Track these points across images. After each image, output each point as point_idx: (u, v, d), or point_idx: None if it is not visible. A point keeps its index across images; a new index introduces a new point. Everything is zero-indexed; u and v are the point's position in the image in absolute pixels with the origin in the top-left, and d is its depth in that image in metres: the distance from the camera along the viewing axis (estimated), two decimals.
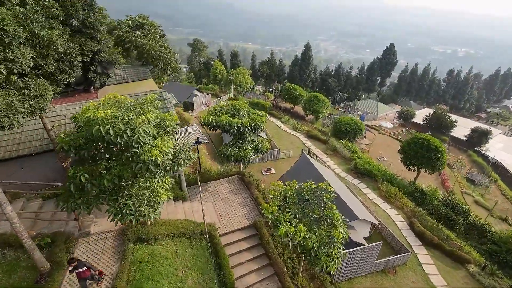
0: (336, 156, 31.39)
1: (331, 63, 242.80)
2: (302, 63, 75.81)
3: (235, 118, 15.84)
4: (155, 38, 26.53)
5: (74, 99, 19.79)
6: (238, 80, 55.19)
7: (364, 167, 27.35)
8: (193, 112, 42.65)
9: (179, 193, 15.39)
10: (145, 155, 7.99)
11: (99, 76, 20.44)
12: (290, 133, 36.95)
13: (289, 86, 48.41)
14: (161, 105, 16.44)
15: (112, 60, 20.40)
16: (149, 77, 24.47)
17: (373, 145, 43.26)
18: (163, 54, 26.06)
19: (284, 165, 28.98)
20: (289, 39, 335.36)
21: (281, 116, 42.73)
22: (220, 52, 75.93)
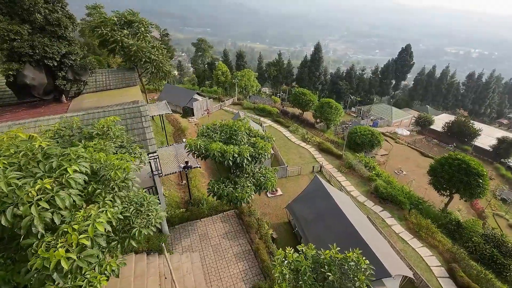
0: (352, 174, 27.23)
1: (340, 63, 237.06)
2: (312, 64, 71.52)
3: (230, 144, 12.03)
4: (145, 38, 22.94)
5: (39, 111, 16.30)
6: (243, 83, 51.41)
7: (386, 191, 23.16)
8: (192, 118, 39.09)
9: (154, 243, 11.65)
10: (38, 260, 4.25)
11: (71, 83, 16.91)
12: (299, 145, 32.93)
13: (298, 91, 44.36)
14: (134, 123, 12.75)
15: (85, 65, 16.84)
16: (135, 83, 20.90)
17: (390, 156, 38.85)
18: (153, 56, 22.46)
19: (293, 186, 25.06)
20: (298, 39, 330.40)
21: (289, 124, 38.71)
22: (225, 52, 72.25)
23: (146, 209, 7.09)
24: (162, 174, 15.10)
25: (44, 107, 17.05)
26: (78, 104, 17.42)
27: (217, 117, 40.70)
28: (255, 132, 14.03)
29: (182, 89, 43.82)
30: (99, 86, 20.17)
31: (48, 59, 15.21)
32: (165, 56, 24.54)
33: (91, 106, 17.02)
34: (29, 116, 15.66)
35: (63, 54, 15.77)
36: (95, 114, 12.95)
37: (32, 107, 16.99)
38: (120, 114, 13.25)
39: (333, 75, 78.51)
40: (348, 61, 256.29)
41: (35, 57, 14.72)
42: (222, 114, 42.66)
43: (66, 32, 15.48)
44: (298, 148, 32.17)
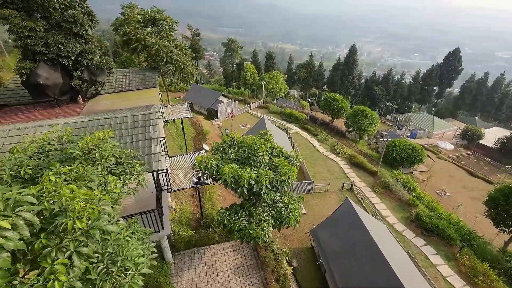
0: (388, 196, 23.83)
1: (374, 67, 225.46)
2: (345, 67, 67.26)
3: (247, 165, 9.95)
4: (169, 37, 21.73)
5: (54, 112, 15.56)
6: (271, 85, 49.23)
7: (431, 222, 19.60)
8: (216, 121, 37.78)
9: (152, 278, 9.92)
10: None
11: (86, 84, 15.98)
12: (327, 157, 29.98)
13: (329, 96, 41.17)
14: (141, 134, 11.18)
15: (102, 65, 15.79)
16: (154, 85, 19.72)
17: (431, 173, 34.27)
18: (175, 56, 21.15)
19: (318, 204, 22.41)
20: (330, 40, 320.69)
21: (318, 132, 35.78)
22: (254, 53, 70.57)
23: (120, 266, 5.21)
24: (172, 189, 13.49)
25: (59, 108, 16.33)
26: (93, 106, 16.49)
27: (242, 121, 38.99)
28: (279, 150, 11.79)
29: (208, 90, 42.87)
30: (118, 86, 19.24)
31: (63, 58, 14.30)
32: (189, 56, 23.20)
33: (106, 108, 15.97)
34: (43, 117, 14.93)
35: (79, 53, 14.79)
36: (99, 121, 11.62)
37: (49, 107, 16.35)
38: (128, 121, 11.80)
39: (368, 79, 73.41)
40: (383, 64, 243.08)
41: (50, 55, 13.85)
42: (247, 118, 40.88)
43: (82, 30, 14.48)
44: (326, 160, 29.26)
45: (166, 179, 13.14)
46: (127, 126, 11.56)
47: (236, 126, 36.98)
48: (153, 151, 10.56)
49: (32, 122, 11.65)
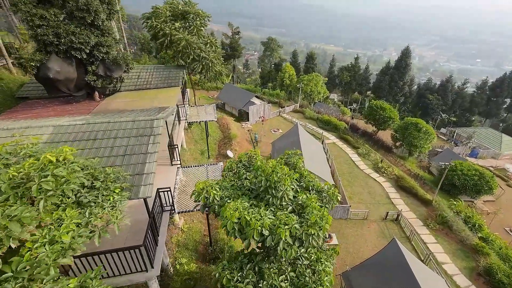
0: (447, 235, 19.09)
1: (426, 72, 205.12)
2: (395, 72, 60.35)
3: (263, 202, 7.20)
4: (199, 32, 19.80)
5: (67, 109, 14.42)
6: (309, 88, 45.53)
7: (510, 282, 14.75)
8: (246, 123, 35.51)
9: None
10: None
11: (102, 80, 14.59)
12: (369, 175, 25.73)
13: (375, 104, 36.26)
14: (137, 145, 9.05)
15: (118, 60, 14.24)
16: (177, 84, 17.89)
17: (499, 205, 27.85)
18: (203, 53, 19.11)
19: (354, 234, 18.74)
20: (377, 42, 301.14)
21: (359, 144, 31.41)
22: (294, 53, 67.02)
23: None
24: (175, 211, 11.27)
25: (74, 104, 15.22)
26: (107, 104, 15.08)
27: (273, 125, 36.17)
28: (309, 180, 8.76)
29: (241, 90, 40.85)
30: (139, 84, 17.79)
31: (75, 50, 12.95)
32: (218, 54, 21.06)
33: (118, 108, 14.42)
34: (55, 113, 13.81)
35: (93, 45, 13.36)
36: (95, 125, 9.78)
37: (64, 103, 15.34)
38: (126, 128, 9.81)
39: (420, 86, 65.25)
40: (437, 70, 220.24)
41: (61, 47, 12.56)
42: (280, 122, 37.92)
43: (97, 20, 12.97)
44: (367, 180, 25.06)
45: (171, 197, 10.97)
46: (124, 134, 9.56)
47: (267, 130, 34.29)
48: (146, 170, 8.32)
49: (25, 121, 10.30)
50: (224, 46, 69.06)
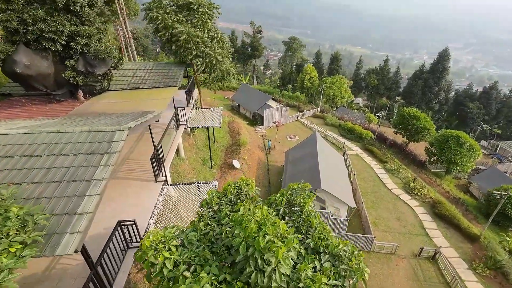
0: (501, 285, 15.00)
1: (462, 77, 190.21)
2: (430, 76, 54.63)
3: (240, 280, 4.39)
4: (204, 25, 17.29)
5: (43, 110, 12.46)
6: (332, 92, 41.77)
7: None
8: (260, 128, 32.70)
9: None
10: None
11: (83, 76, 12.46)
12: (398, 197, 21.88)
13: (407, 112, 31.90)
14: (83, 167, 6.55)
15: (100, 54, 12.01)
16: (175, 83, 15.49)
17: None
18: (208, 49, 16.56)
19: (378, 272, 15.27)
20: (408, 44, 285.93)
21: (387, 157, 27.42)
22: (318, 54, 63.15)
23: None
24: None
25: (54, 105, 13.24)
26: (89, 105, 12.94)
27: (290, 131, 33.03)
28: (319, 238, 5.75)
29: (257, 92, 38.10)
30: (134, 82, 15.60)
31: (47, 41, 10.86)
32: (226, 51, 18.42)
33: (98, 110, 12.19)
34: (28, 114, 11.88)
35: (70, 35, 11.22)
36: (40, 136, 7.45)
37: (45, 102, 13.40)
38: (77, 141, 7.37)
39: (459, 93, 58.75)
40: (473, 75, 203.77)
41: (29, 36, 10.51)
42: (297, 128, 34.68)
43: (73, 5, 10.80)
44: (395, 202, 21.25)
45: (136, 232, 8.44)
46: (72, 149, 7.11)
47: (282, 137, 31.25)
48: (81, 208, 5.73)
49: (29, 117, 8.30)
50: (245, 46, 66.89)
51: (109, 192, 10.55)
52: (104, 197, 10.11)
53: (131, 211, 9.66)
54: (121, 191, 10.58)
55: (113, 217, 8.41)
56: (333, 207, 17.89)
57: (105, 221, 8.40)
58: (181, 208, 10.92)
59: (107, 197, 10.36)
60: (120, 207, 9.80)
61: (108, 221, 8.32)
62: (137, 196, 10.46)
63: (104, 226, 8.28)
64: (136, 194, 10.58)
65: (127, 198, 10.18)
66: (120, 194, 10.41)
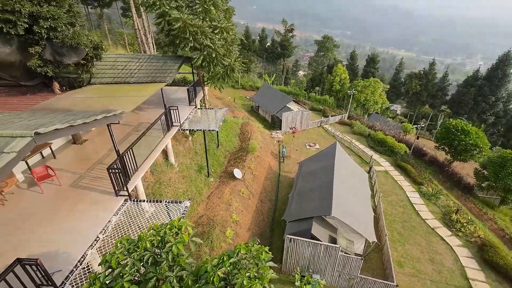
0: None
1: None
2: (486, 83, 46.94)
3: None
4: (207, 13, 15.02)
5: (9, 102, 11.13)
6: (363, 96, 37.30)
7: None
8: (277, 132, 29.86)
9: None
10: None
11: (53, 66, 10.87)
12: (434, 230, 17.61)
13: (454, 125, 26.65)
14: None
15: (66, 40, 10.27)
16: (164, 79, 13.42)
17: None
18: (206, 41, 14.25)
19: None
20: (460, 49, 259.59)
21: (423, 178, 22.88)
22: (352, 55, 58.12)
23: None
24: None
25: (26, 97, 11.90)
26: (60, 100, 11.34)
27: (310, 138, 29.67)
28: None
29: (279, 93, 35.16)
30: (121, 76, 13.88)
31: (2, 22, 9.33)
32: (232, 44, 15.96)
33: (64, 107, 10.52)
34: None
35: (31, 17, 9.61)
36: None
37: (19, 94, 12.19)
38: None
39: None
40: None
41: None
42: (319, 135, 31.15)
43: None
44: (430, 237, 17.05)
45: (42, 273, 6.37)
46: None
47: (300, 144, 28.06)
48: None
49: None
50: (275, 45, 64.21)
51: (51, 212, 8.75)
52: (37, 216, 8.27)
53: (66, 238, 7.73)
54: (69, 208, 8.78)
55: (32, 247, 6.60)
56: (345, 239, 14.53)
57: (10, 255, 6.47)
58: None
59: (42, 216, 8.54)
60: (54, 230, 7.94)
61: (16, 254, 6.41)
62: (84, 214, 8.54)
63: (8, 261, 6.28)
64: (85, 212, 8.69)
65: (68, 218, 8.32)
66: (66, 211, 8.64)
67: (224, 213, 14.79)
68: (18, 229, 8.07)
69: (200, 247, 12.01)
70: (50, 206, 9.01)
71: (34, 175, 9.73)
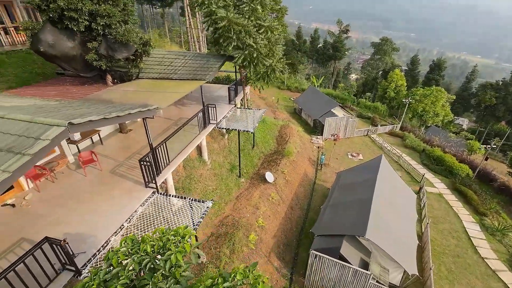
0: None
1: None
2: None
3: None
4: (254, 12, 14.79)
5: (71, 91, 12.48)
6: (421, 106, 33.37)
7: None
8: (317, 138, 28.55)
9: None
10: None
11: (106, 61, 11.83)
12: (494, 273, 14.72)
13: None
14: None
15: (118, 37, 11.00)
16: (204, 77, 13.59)
17: None
18: (250, 40, 14.04)
19: None
20: None
21: (487, 208, 19.36)
22: (413, 60, 52.54)
23: None
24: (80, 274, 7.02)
25: (84, 87, 13.23)
26: (109, 92, 12.30)
27: (354, 147, 27.64)
28: None
29: (324, 97, 33.43)
30: (165, 72, 14.54)
31: (69, 20, 10.39)
32: (276, 44, 15.47)
33: (109, 98, 11.33)
34: (56, 93, 12.04)
35: (91, 14, 10.53)
36: None
37: (79, 84, 13.64)
38: (7, 132, 6.03)
39: None
40: None
41: (51, 14, 10.21)
42: (364, 145, 28.82)
43: None
44: (489, 282, 14.29)
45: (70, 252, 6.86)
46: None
47: (341, 152, 26.33)
48: None
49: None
50: (326, 46, 61.74)
51: (89, 194, 9.52)
52: (77, 196, 9.05)
53: (97, 221, 8.35)
54: (104, 192, 9.55)
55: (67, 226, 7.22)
56: (380, 265, 12.99)
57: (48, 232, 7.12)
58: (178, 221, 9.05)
59: (82, 197, 9.32)
60: (89, 212, 8.68)
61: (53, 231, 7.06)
62: (115, 201, 9.18)
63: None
64: (117, 198, 9.35)
65: (102, 202, 9.06)
66: (102, 195, 9.37)
67: (250, 216, 14.50)
68: (61, 206, 8.90)
69: (220, 248, 11.91)
70: (89, 189, 9.78)
71: (80, 159, 10.67)
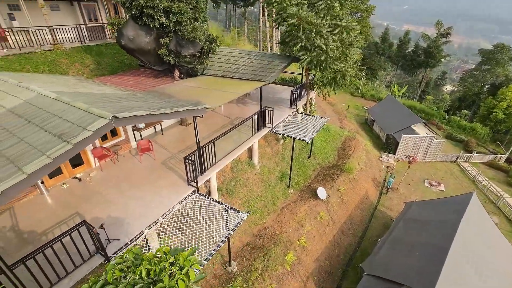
0: None
1: None
2: None
3: None
4: (330, 11, 13.28)
5: (143, 82, 13.59)
6: None
7: None
8: (388, 157, 24.97)
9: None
10: None
11: (174, 56, 12.35)
12: None
13: None
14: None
15: (186, 34, 11.21)
16: (264, 79, 12.82)
17: None
18: (320, 41, 12.65)
19: None
20: None
21: None
22: None
23: None
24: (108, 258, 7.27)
25: (155, 79, 14.23)
26: (169, 86, 12.87)
27: (435, 174, 23.07)
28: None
29: (404, 109, 28.60)
30: (229, 70, 14.47)
31: (147, 17, 11.11)
32: (350, 47, 13.58)
33: (170, 92, 11.75)
34: (131, 84, 13.30)
35: (166, 9, 11.01)
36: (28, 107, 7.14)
37: (152, 76, 14.76)
38: (63, 118, 6.49)
39: None
40: None
41: (133, 11, 11.08)
42: (449, 173, 23.65)
43: None
44: None
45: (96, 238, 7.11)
46: (43, 121, 6.32)
47: (416, 178, 22.23)
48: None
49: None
50: (418, 51, 53.77)
51: (140, 180, 10.05)
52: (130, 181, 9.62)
53: (138, 209, 8.76)
54: (152, 182, 10.05)
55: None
56: None
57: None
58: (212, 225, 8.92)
59: (134, 182, 9.88)
60: (134, 198, 9.13)
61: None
62: (158, 192, 9.55)
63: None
64: (161, 189, 9.83)
65: (147, 191, 9.53)
66: (149, 184, 9.83)
67: (293, 232, 13.30)
68: (115, 188, 9.59)
69: (253, 261, 11.15)
70: (142, 175, 10.31)
71: (139, 146, 11.38)
